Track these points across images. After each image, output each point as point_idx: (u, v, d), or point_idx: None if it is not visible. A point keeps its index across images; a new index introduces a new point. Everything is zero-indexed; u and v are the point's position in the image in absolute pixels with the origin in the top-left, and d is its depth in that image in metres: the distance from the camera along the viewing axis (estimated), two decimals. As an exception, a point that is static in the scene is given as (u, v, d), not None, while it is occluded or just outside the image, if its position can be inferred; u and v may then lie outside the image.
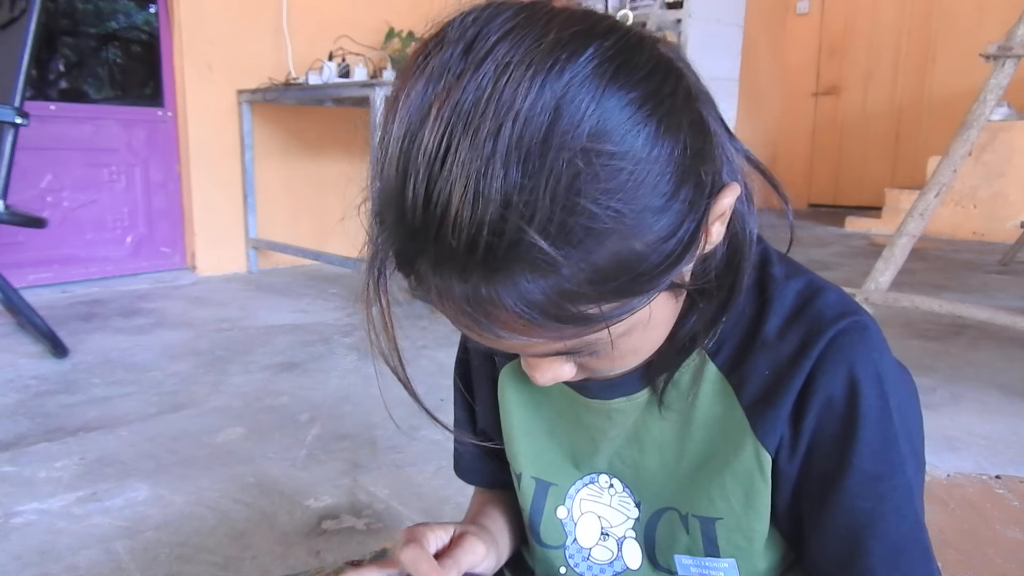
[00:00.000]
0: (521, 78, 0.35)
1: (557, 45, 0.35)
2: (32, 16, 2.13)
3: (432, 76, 0.36)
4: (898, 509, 0.48)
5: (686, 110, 0.39)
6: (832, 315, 0.49)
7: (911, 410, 0.51)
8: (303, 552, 1.22)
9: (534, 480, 0.62)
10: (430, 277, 0.38)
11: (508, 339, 0.40)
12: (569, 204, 0.35)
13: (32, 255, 3.27)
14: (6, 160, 2.10)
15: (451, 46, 0.37)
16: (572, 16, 0.38)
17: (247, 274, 3.77)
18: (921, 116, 6.54)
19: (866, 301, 2.07)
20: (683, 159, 0.38)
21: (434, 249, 0.36)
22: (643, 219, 0.37)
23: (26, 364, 2.21)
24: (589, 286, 0.37)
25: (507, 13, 0.37)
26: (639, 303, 0.40)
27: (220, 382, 2.07)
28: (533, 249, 0.35)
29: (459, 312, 0.39)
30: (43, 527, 1.29)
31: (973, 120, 1.96)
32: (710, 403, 0.53)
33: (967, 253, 4.63)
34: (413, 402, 0.49)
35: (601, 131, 0.35)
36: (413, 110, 0.36)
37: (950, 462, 1.58)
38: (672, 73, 0.39)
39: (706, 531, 0.54)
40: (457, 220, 0.35)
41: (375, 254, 0.41)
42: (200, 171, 3.63)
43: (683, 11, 4.26)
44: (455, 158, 0.34)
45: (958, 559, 0.98)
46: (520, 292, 0.36)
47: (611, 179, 0.35)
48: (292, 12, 3.71)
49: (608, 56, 0.36)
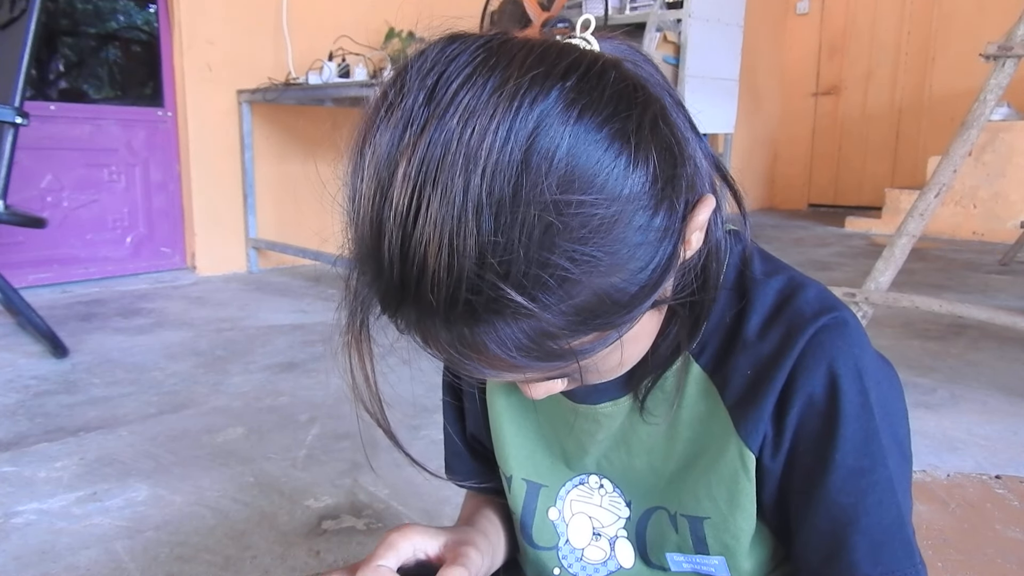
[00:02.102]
0: (486, 129, 0.34)
1: (519, 91, 0.35)
2: (32, 16, 2.13)
3: (397, 128, 0.36)
4: (880, 503, 0.48)
5: (655, 138, 0.39)
6: (811, 312, 0.49)
7: (893, 403, 0.51)
8: (303, 552, 1.22)
9: (524, 482, 0.62)
10: (414, 325, 0.39)
11: (497, 375, 0.41)
12: (542, 259, 0.35)
13: (32, 255, 3.27)
14: (6, 160, 2.10)
15: (413, 94, 0.36)
16: (532, 55, 0.37)
17: (247, 274, 3.77)
18: (921, 116, 6.53)
19: (866, 301, 2.06)
20: (654, 188, 0.38)
21: (415, 303, 0.37)
22: (619, 256, 0.37)
23: (26, 364, 2.21)
24: (570, 325, 0.38)
25: (466, 55, 0.37)
26: (623, 330, 0.41)
27: (220, 382, 2.07)
28: (511, 302, 0.35)
29: (446, 355, 0.40)
30: (43, 527, 1.29)
31: (973, 120, 1.96)
32: (695, 403, 0.53)
33: (967, 253, 4.63)
34: (413, 402, 0.49)
35: (571, 179, 0.35)
36: (381, 166, 0.36)
37: (950, 462, 1.58)
38: (638, 102, 0.39)
39: (695, 530, 0.54)
40: (435, 279, 0.35)
41: (356, 301, 0.41)
42: (200, 171, 3.62)
43: (683, 11, 4.26)
44: (427, 216, 0.34)
45: (958, 559, 0.98)
46: (503, 337, 0.37)
47: (584, 227, 0.36)
48: (292, 12, 3.71)
49: (571, 99, 0.36)
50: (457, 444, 0.70)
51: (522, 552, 0.65)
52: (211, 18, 3.53)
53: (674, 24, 4.31)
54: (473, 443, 0.70)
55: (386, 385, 0.46)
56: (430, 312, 0.37)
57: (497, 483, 0.67)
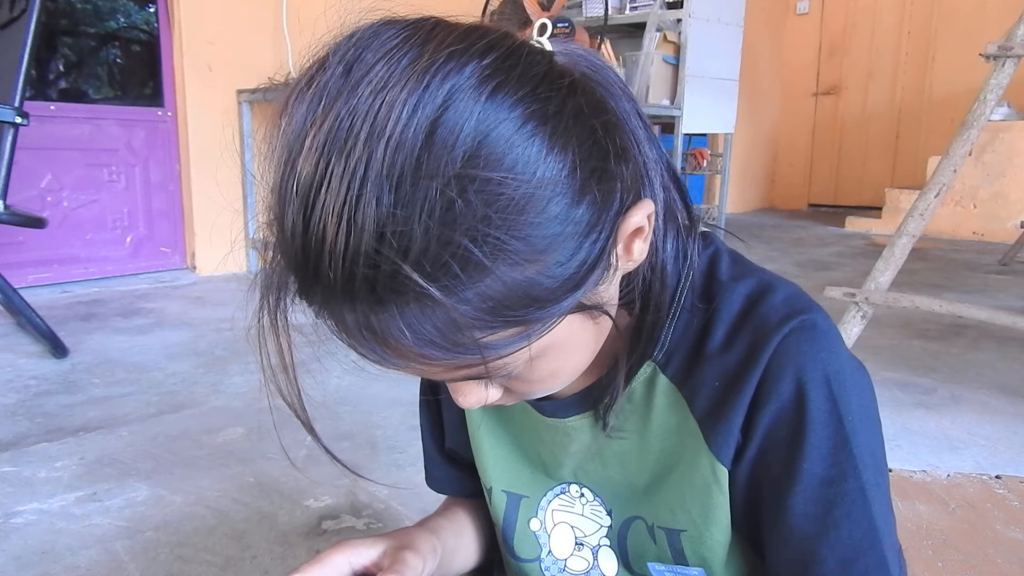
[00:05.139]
0: (394, 100, 0.34)
1: (433, 65, 0.34)
2: (32, 16, 2.13)
3: (312, 100, 0.35)
4: (850, 515, 0.46)
5: (577, 125, 0.37)
6: (777, 318, 0.47)
7: (866, 410, 0.48)
8: (303, 552, 1.22)
9: (505, 494, 0.62)
10: (322, 305, 0.37)
11: (408, 367, 0.39)
12: (444, 237, 0.33)
13: (32, 255, 3.27)
14: (6, 160, 2.10)
15: (332, 68, 0.36)
16: (453, 34, 0.36)
17: (247, 274, 3.77)
18: (921, 116, 6.54)
19: (866, 301, 2.07)
20: (574, 179, 0.36)
21: (317, 279, 0.35)
22: (533, 244, 0.35)
23: (26, 364, 2.21)
24: (479, 315, 0.36)
25: (390, 32, 0.37)
26: (540, 329, 0.39)
27: (220, 382, 2.07)
28: (411, 282, 0.34)
29: (356, 342, 0.38)
30: (43, 527, 1.29)
31: (973, 120, 1.96)
32: (664, 415, 0.51)
33: (967, 253, 4.63)
34: (413, 402, 0.49)
35: (478, 154, 0.34)
36: (292, 136, 0.35)
37: (950, 462, 1.58)
38: (561, 87, 0.37)
39: (672, 542, 0.53)
40: (334, 251, 0.34)
41: (271, 277, 0.40)
42: (200, 171, 3.62)
43: (683, 11, 4.26)
44: (328, 187, 0.33)
45: (958, 559, 0.98)
46: (407, 324, 0.35)
47: (489, 205, 0.34)
48: (292, 12, 3.71)
49: (486, 76, 0.35)
50: (435, 453, 0.70)
51: (506, 564, 0.65)
52: (211, 18, 3.53)
53: (674, 24, 4.31)
54: (452, 454, 0.69)
55: (386, 386, 0.46)
56: (331, 290, 0.35)
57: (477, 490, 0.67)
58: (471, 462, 0.65)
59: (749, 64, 5.50)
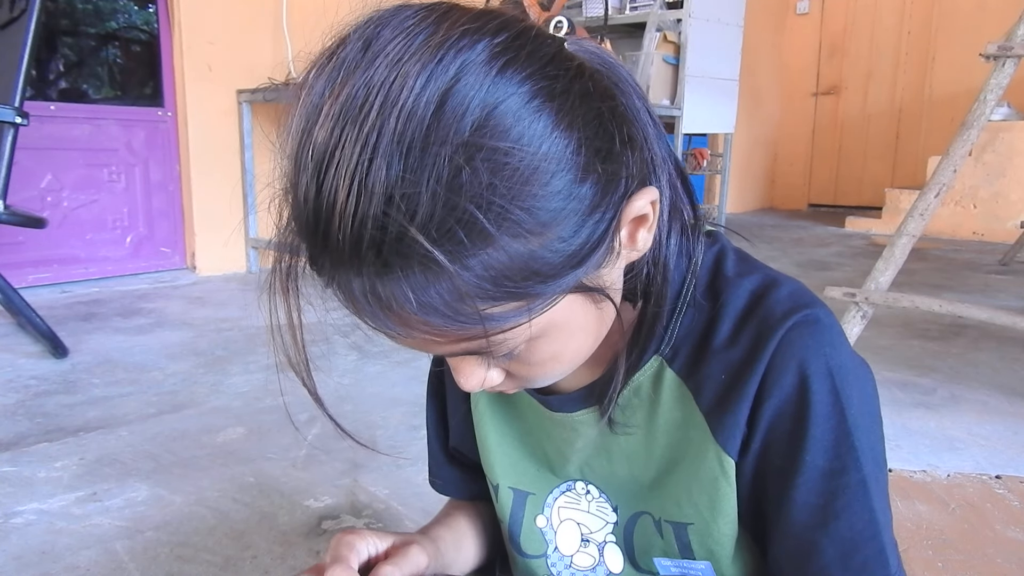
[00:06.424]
0: (408, 72, 0.35)
1: (447, 41, 0.36)
2: (32, 16, 2.13)
3: (331, 73, 0.37)
4: (850, 506, 0.47)
5: (582, 109, 0.38)
6: (781, 312, 0.48)
7: (868, 405, 0.49)
8: (303, 552, 1.22)
9: (511, 490, 0.62)
10: (330, 273, 0.39)
11: (410, 336, 0.40)
12: (450, 202, 0.34)
13: (32, 255, 3.27)
14: (6, 160, 2.10)
15: (351, 44, 0.38)
16: (468, 15, 0.38)
17: (247, 274, 3.77)
18: (921, 116, 6.54)
19: (866, 301, 2.07)
20: (578, 157, 0.38)
21: (327, 244, 0.37)
22: (537, 216, 0.36)
23: (26, 364, 2.21)
24: (481, 285, 0.37)
25: (407, 13, 0.38)
26: (541, 304, 0.40)
27: (220, 382, 2.07)
28: (417, 247, 0.35)
29: (361, 310, 0.39)
30: (43, 527, 1.29)
31: (973, 120, 1.96)
32: (670, 409, 0.52)
33: (967, 253, 4.63)
34: (413, 402, 0.49)
35: (486, 125, 0.35)
36: (310, 107, 0.37)
37: (950, 462, 1.58)
38: (569, 71, 0.39)
39: (679, 535, 0.54)
40: (343, 215, 0.35)
41: (284, 243, 0.41)
42: (200, 171, 3.62)
43: (683, 11, 4.26)
44: (341, 154, 0.35)
45: (958, 559, 0.98)
46: (411, 289, 0.36)
47: (495, 174, 0.35)
48: (292, 12, 3.71)
49: (497, 52, 0.36)
50: (439, 453, 0.70)
51: (512, 561, 0.65)
52: (211, 18, 3.53)
53: (674, 24, 4.31)
54: (456, 454, 0.69)
55: (386, 386, 0.46)
56: (340, 253, 0.36)
57: (480, 492, 0.67)
58: (475, 463, 0.65)
59: (749, 64, 5.51)
